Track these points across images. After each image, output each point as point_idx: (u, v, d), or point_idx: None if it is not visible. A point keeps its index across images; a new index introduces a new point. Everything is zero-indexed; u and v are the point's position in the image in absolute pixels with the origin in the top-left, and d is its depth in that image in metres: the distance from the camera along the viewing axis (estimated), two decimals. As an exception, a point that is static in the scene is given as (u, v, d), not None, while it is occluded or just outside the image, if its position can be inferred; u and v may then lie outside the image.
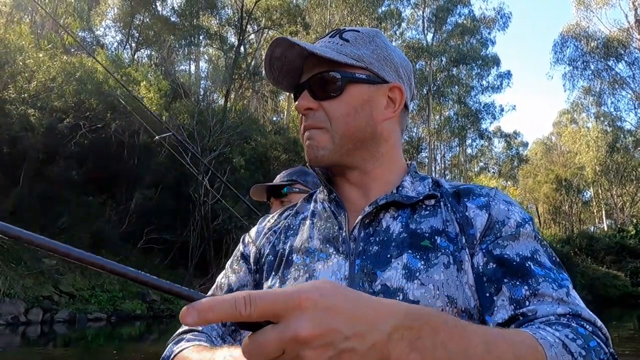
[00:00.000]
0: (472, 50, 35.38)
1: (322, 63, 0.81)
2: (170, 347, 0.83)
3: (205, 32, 26.29)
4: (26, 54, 12.32)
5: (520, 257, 0.72)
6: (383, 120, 0.83)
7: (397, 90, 0.84)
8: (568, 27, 36.37)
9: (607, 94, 37.00)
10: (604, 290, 27.37)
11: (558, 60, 37.02)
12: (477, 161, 45.79)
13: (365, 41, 0.84)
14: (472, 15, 36.14)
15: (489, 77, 37.33)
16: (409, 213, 0.80)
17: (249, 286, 0.89)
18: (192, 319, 0.39)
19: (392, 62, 0.85)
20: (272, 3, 21.73)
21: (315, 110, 0.82)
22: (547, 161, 47.94)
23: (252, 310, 0.40)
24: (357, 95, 0.81)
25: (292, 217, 0.92)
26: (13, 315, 10.95)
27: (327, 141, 0.81)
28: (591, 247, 31.63)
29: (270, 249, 0.89)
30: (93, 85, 14.37)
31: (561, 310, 0.65)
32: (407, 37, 36.28)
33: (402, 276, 0.73)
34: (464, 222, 0.77)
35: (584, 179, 40.45)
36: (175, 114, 16.89)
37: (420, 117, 38.38)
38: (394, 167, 0.87)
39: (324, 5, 29.71)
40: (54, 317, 11.79)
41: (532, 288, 0.68)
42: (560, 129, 46.20)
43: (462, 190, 0.83)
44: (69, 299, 12.56)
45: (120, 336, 11.69)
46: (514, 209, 0.79)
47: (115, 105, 15.18)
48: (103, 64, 10.45)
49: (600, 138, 36.14)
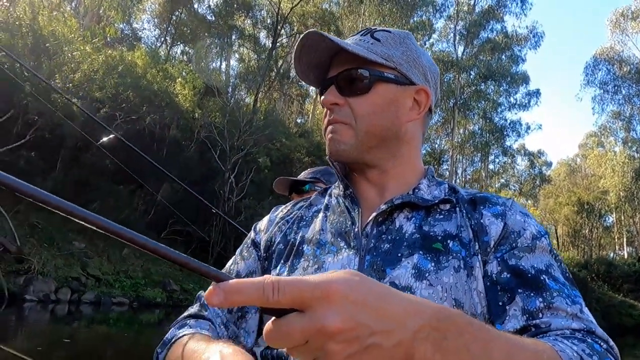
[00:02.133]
0: (502, 67, 35.20)
1: (351, 60, 0.81)
2: (173, 330, 0.84)
3: (239, 32, 26.90)
4: (73, 46, 12.95)
5: (535, 270, 0.72)
6: (407, 121, 0.84)
7: (424, 93, 0.85)
8: (602, 50, 35.98)
9: (637, 120, 36.44)
10: (619, 318, 26.96)
11: (589, 82, 36.69)
12: (498, 177, 45.36)
13: (396, 42, 0.84)
14: (505, 31, 35.96)
15: (517, 95, 37.02)
16: (423, 215, 0.81)
17: (257, 273, 0.89)
18: (218, 299, 0.39)
19: (420, 64, 0.86)
20: (308, 9, 22.13)
21: (341, 106, 0.82)
22: (570, 183, 47.22)
23: (280, 297, 0.39)
24: (384, 94, 0.82)
25: (306, 208, 0.93)
26: (44, 293, 11.50)
27: (351, 137, 0.82)
28: (609, 274, 31.15)
29: (282, 237, 0.89)
30: (132, 79, 14.96)
31: (576, 326, 0.65)
32: (437, 49, 36.34)
33: (412, 275, 0.73)
34: (479, 229, 0.77)
35: (607, 204, 39.73)
36: (208, 112, 17.41)
37: (444, 129, 38.30)
38: (412, 168, 0.87)
39: (357, 13, 30.04)
40: (81, 297, 12.34)
41: (546, 301, 0.68)
42: (586, 151, 45.49)
43: (479, 197, 0.83)
44: (95, 282, 13.12)
45: (140, 322, 12.16)
46: (530, 221, 0.78)
47: (151, 99, 15.79)
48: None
49: (627, 164, 35.54)
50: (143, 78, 15.20)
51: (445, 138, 38.77)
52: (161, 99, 16.19)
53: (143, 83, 15.23)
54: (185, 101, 16.30)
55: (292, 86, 28.05)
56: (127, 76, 14.80)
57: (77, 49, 13.16)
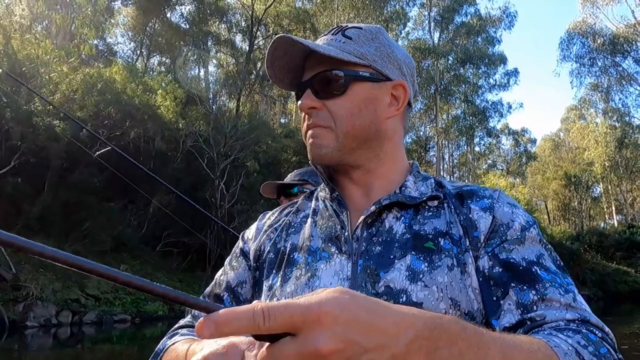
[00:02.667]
0: (479, 49, 35.53)
1: (325, 61, 0.80)
2: (164, 340, 0.84)
3: (214, 38, 26.80)
4: (50, 68, 12.85)
5: (527, 262, 0.72)
6: (387, 118, 0.83)
7: (401, 88, 0.84)
8: (574, 24, 36.46)
9: (615, 90, 37.07)
10: (614, 286, 27.53)
11: (565, 57, 37.22)
12: (485, 159, 45.84)
13: (368, 38, 0.83)
14: (478, 14, 36.31)
15: (496, 76, 37.46)
16: (412, 214, 0.80)
17: (247, 283, 0.88)
18: (209, 332, 0.39)
19: (395, 59, 0.84)
20: (282, 10, 22.13)
21: (319, 109, 0.81)
22: (555, 158, 47.82)
23: (271, 324, 0.39)
24: (361, 93, 0.80)
25: (294, 214, 0.91)
26: (45, 317, 11.45)
27: (332, 140, 0.81)
28: (601, 244, 31.69)
29: (271, 246, 0.87)
30: (112, 95, 14.87)
31: (570, 316, 0.65)
32: (413, 37, 36.57)
33: (406, 278, 0.72)
34: (468, 225, 0.77)
35: (593, 175, 40.40)
36: (192, 121, 17.37)
37: (428, 116, 38.59)
38: (397, 166, 0.86)
39: (331, 9, 30.09)
40: (83, 319, 12.30)
41: (539, 293, 0.68)
42: (568, 125, 46.15)
43: (465, 191, 0.82)
44: (95, 302, 13.06)
45: (144, 336, 12.14)
46: (517, 211, 0.78)
47: (133, 114, 15.72)
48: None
49: (608, 134, 36.18)
50: (123, 93, 15.12)
51: (429, 125, 39.10)
52: (143, 112, 16.13)
53: (123, 98, 15.15)
54: (168, 112, 16.24)
55: (272, 87, 28.05)
56: (106, 93, 14.71)
57: (54, 70, 13.05)
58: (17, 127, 11.60)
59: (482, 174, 41.06)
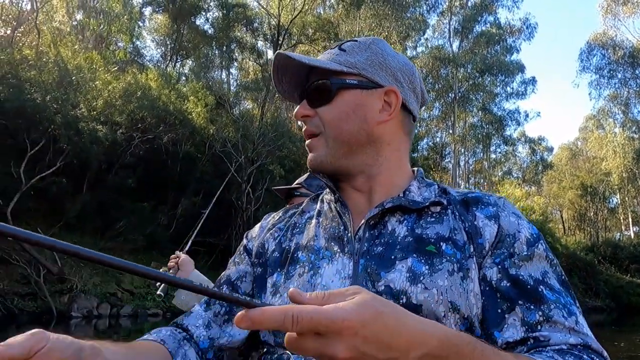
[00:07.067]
0: (497, 58, 35.65)
1: (320, 73, 0.85)
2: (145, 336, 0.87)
3: (239, 44, 27.59)
4: (96, 75, 13.75)
5: (534, 280, 0.73)
6: (378, 123, 0.84)
7: (393, 94, 0.85)
8: (595, 36, 36.45)
9: (634, 102, 36.94)
10: (627, 298, 27.57)
11: (584, 68, 37.18)
12: (500, 166, 45.65)
13: (361, 49, 0.87)
14: (498, 23, 36.42)
15: (514, 84, 37.37)
16: (415, 218, 0.81)
17: (247, 277, 0.92)
18: (245, 325, 0.47)
19: (387, 66, 0.86)
20: (307, 20, 22.79)
21: (311, 117, 0.86)
22: (572, 167, 47.16)
23: (298, 329, 0.46)
24: (349, 99, 0.83)
25: (299, 215, 0.94)
26: (88, 309, 12.34)
27: (322, 146, 0.85)
28: (615, 256, 31.60)
29: (276, 245, 0.90)
30: (149, 101, 15.74)
31: (573, 341, 0.67)
32: (432, 45, 36.86)
33: (406, 279, 0.73)
34: (473, 231, 0.78)
35: (610, 186, 40.02)
36: (221, 127, 18.17)
37: (445, 123, 38.85)
38: (399, 171, 0.88)
39: (353, 16, 30.60)
40: (120, 311, 13.18)
41: (545, 315, 0.70)
42: (586, 134, 45.58)
43: (471, 198, 0.83)
44: (129, 296, 13.93)
45: (173, 330, 12.91)
46: (522, 222, 0.80)
47: (166, 119, 16.58)
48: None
49: (627, 145, 35.92)
50: (158, 100, 15.97)
51: (446, 132, 39.30)
52: (175, 118, 16.98)
53: (159, 104, 16.01)
54: (199, 118, 17.06)
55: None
56: (144, 99, 15.59)
57: (98, 77, 13.96)
58: (64, 131, 12.50)
59: (498, 182, 40.90)
